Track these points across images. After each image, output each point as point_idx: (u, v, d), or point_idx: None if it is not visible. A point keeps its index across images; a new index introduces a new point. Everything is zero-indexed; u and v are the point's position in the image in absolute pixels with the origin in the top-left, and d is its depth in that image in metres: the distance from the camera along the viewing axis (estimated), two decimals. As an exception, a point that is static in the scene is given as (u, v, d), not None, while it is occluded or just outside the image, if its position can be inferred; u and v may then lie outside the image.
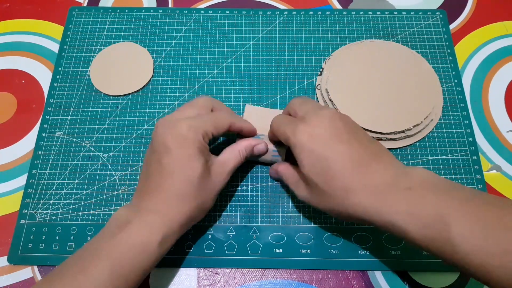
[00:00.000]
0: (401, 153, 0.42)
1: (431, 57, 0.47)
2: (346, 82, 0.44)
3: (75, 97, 0.45)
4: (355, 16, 0.50)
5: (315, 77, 0.46)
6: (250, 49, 0.48)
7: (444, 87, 0.45)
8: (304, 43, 0.48)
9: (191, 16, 0.50)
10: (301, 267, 0.37)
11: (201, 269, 0.37)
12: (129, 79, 0.46)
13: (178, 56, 0.47)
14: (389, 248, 0.38)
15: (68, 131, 0.43)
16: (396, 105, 0.42)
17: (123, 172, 0.41)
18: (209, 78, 0.46)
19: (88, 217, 0.39)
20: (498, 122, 0.44)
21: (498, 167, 0.42)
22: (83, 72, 0.46)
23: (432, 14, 0.50)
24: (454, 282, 0.37)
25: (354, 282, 0.37)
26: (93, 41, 0.48)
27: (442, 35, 0.48)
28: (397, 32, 0.48)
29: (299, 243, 0.38)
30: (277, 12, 0.50)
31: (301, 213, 0.39)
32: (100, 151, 0.42)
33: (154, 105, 0.44)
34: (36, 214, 0.39)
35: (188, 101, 0.45)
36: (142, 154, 0.42)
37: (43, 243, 0.38)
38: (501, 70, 0.47)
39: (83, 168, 0.41)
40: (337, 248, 0.38)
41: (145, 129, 0.43)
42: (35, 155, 0.42)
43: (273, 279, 0.37)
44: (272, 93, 0.45)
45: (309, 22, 0.49)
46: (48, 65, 0.48)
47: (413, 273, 0.37)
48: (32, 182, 0.41)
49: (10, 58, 0.48)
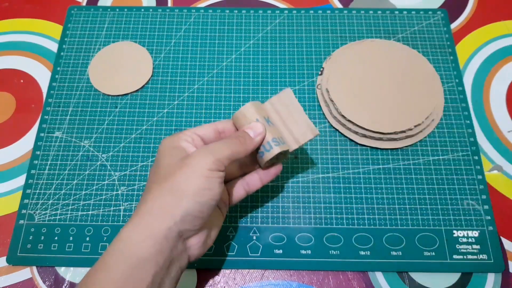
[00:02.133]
0: (402, 153, 0.42)
1: (432, 57, 0.47)
2: (346, 82, 0.43)
3: (74, 97, 0.45)
4: (355, 15, 0.49)
5: (315, 76, 0.46)
6: (250, 49, 0.47)
7: (445, 87, 0.45)
8: (304, 42, 0.48)
9: (191, 16, 0.50)
10: (301, 268, 0.37)
11: (201, 270, 0.37)
12: (128, 79, 0.45)
13: (177, 55, 0.47)
14: (389, 248, 0.37)
15: (67, 131, 0.43)
16: (397, 104, 0.42)
17: (122, 172, 0.41)
18: (209, 78, 0.46)
19: (87, 217, 0.39)
20: (499, 122, 0.44)
21: (499, 167, 0.42)
22: (82, 71, 0.46)
23: (433, 14, 0.49)
24: (455, 283, 0.37)
25: (355, 283, 0.37)
26: (92, 41, 0.48)
27: (443, 35, 0.48)
28: (398, 32, 0.48)
29: (300, 244, 0.38)
30: (277, 11, 0.50)
31: (302, 213, 0.39)
32: (99, 151, 0.42)
33: (153, 105, 0.44)
34: (35, 214, 0.39)
35: (187, 101, 0.45)
36: (142, 154, 0.42)
37: (42, 243, 0.38)
38: (502, 69, 0.47)
39: (82, 168, 0.41)
40: (338, 249, 0.37)
41: (144, 129, 0.43)
42: (34, 155, 0.42)
43: (273, 280, 0.37)
44: (272, 93, 0.45)
45: (310, 22, 0.49)
46: (47, 65, 0.47)
47: (414, 274, 0.37)
48: (31, 183, 0.40)
49: (8, 58, 0.48)
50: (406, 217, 0.39)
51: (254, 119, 0.32)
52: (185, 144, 0.31)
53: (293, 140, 0.33)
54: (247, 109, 0.32)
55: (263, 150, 0.32)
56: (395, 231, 0.38)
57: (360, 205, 0.39)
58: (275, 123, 0.34)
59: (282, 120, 0.34)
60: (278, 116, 0.34)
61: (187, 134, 0.31)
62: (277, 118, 0.34)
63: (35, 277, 0.37)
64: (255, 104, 0.33)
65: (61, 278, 0.37)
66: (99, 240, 0.38)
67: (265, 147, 0.32)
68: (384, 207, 0.39)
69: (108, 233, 0.38)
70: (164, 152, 0.30)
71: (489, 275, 0.37)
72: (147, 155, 0.42)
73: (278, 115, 0.34)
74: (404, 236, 0.38)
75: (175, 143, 0.30)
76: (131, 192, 0.40)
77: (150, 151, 0.42)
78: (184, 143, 0.31)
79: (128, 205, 0.39)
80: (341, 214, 0.39)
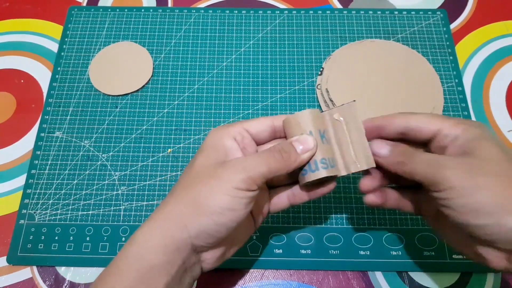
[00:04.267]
0: (401, 153, 0.42)
1: (431, 57, 0.47)
2: (346, 82, 0.43)
3: (74, 97, 0.45)
4: (355, 15, 0.49)
5: (315, 77, 0.46)
6: (250, 49, 0.48)
7: (445, 87, 0.45)
8: (304, 42, 0.48)
9: (191, 16, 0.50)
10: (301, 267, 0.37)
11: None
12: (128, 79, 0.45)
13: (177, 55, 0.47)
14: (389, 248, 0.37)
15: (67, 131, 0.43)
16: (397, 105, 0.42)
17: (122, 172, 0.41)
18: (209, 78, 0.46)
19: (87, 217, 0.39)
20: (499, 121, 0.44)
21: (499, 167, 0.42)
22: (82, 71, 0.46)
23: (433, 14, 0.49)
24: (454, 283, 0.37)
25: (355, 282, 0.37)
26: (92, 41, 0.48)
27: (442, 35, 0.48)
28: (397, 32, 0.48)
29: (299, 244, 0.38)
30: (277, 11, 0.50)
31: (302, 213, 0.39)
32: (100, 151, 0.42)
33: (153, 105, 0.44)
34: (35, 214, 0.39)
35: (187, 101, 0.45)
36: (142, 154, 0.42)
37: (42, 243, 0.38)
38: (502, 69, 0.47)
39: (82, 168, 0.41)
40: (338, 249, 0.38)
41: (144, 129, 0.43)
42: (34, 155, 0.42)
43: (273, 280, 0.37)
44: (272, 93, 0.45)
45: (309, 22, 0.49)
46: (47, 65, 0.47)
47: (414, 273, 0.37)
48: (31, 182, 0.40)
49: (9, 58, 0.48)
50: (405, 217, 0.39)
51: (307, 131, 0.28)
52: (230, 143, 0.27)
53: (343, 165, 0.29)
54: (303, 116, 0.28)
55: (307, 168, 0.28)
56: (394, 231, 0.38)
57: (360, 205, 0.39)
58: (330, 139, 0.29)
59: (338, 137, 0.29)
60: (333, 130, 0.29)
61: (236, 129, 0.28)
62: (332, 133, 0.29)
63: (35, 277, 0.37)
64: (313, 113, 0.28)
65: (61, 277, 0.37)
66: (99, 240, 0.38)
67: (311, 166, 0.27)
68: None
69: (108, 233, 0.38)
70: (205, 147, 0.27)
71: (489, 275, 0.37)
72: (147, 155, 0.42)
73: (334, 129, 0.29)
74: (404, 236, 0.38)
75: (219, 139, 0.27)
76: (131, 192, 0.40)
77: (150, 151, 0.42)
78: (229, 142, 0.27)
79: (128, 205, 0.40)
80: (341, 214, 0.39)
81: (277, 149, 0.27)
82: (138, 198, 0.40)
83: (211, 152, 0.27)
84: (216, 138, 0.27)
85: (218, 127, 0.28)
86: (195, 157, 0.28)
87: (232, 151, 0.27)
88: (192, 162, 0.28)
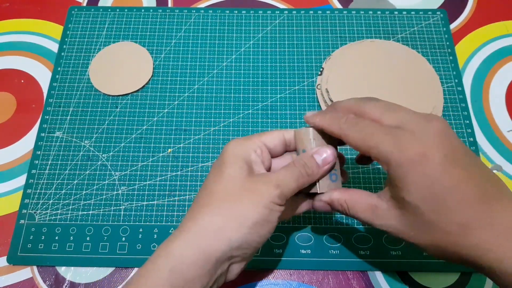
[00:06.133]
0: (401, 153, 0.42)
1: (431, 57, 0.47)
2: (346, 82, 0.43)
3: (75, 97, 0.45)
4: (355, 15, 0.49)
5: (315, 77, 0.46)
6: (250, 49, 0.48)
7: (445, 87, 0.45)
8: (304, 42, 0.48)
9: (191, 16, 0.50)
10: (301, 267, 0.37)
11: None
12: (128, 79, 0.45)
13: (178, 56, 0.47)
14: (389, 248, 0.38)
15: (68, 131, 0.43)
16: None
17: (123, 172, 0.41)
18: (209, 78, 0.46)
19: (87, 217, 0.39)
20: (499, 121, 0.44)
21: (499, 167, 0.42)
22: (82, 72, 0.46)
23: (433, 14, 0.50)
24: (454, 283, 0.37)
25: (354, 282, 0.37)
26: (92, 41, 0.48)
27: (442, 35, 0.48)
28: (397, 32, 0.48)
29: (299, 244, 0.38)
30: (277, 11, 0.50)
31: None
32: (100, 151, 0.42)
33: (153, 105, 0.44)
34: (36, 214, 0.39)
35: (187, 101, 0.45)
36: (142, 154, 0.42)
37: (43, 243, 0.38)
38: (501, 69, 0.47)
39: (82, 168, 0.41)
40: (337, 249, 0.38)
41: (144, 129, 0.43)
42: (35, 155, 0.42)
43: (273, 280, 0.37)
44: (272, 93, 0.45)
45: (309, 22, 0.49)
46: (48, 65, 0.47)
47: (414, 274, 0.37)
48: (32, 182, 0.41)
49: (9, 58, 0.48)
50: (405, 217, 0.39)
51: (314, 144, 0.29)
52: (254, 157, 0.29)
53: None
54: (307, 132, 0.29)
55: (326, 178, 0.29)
56: (394, 231, 0.38)
57: (360, 205, 0.39)
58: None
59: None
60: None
61: (256, 143, 0.29)
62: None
63: (35, 276, 0.37)
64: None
65: (62, 277, 0.37)
66: (100, 239, 0.38)
67: (331, 177, 0.29)
68: (383, 206, 0.39)
69: (109, 233, 0.38)
70: (230, 159, 0.28)
71: (489, 274, 0.37)
72: (147, 155, 0.42)
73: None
74: (404, 236, 0.38)
75: (243, 152, 0.28)
76: (132, 192, 0.40)
77: (151, 151, 0.42)
78: (253, 155, 0.29)
79: (128, 205, 0.40)
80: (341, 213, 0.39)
81: (301, 163, 0.28)
82: (138, 198, 0.40)
83: (239, 163, 0.28)
84: (241, 151, 0.28)
85: (237, 140, 0.29)
86: (220, 167, 0.28)
87: (256, 165, 0.29)
88: (220, 172, 0.28)
